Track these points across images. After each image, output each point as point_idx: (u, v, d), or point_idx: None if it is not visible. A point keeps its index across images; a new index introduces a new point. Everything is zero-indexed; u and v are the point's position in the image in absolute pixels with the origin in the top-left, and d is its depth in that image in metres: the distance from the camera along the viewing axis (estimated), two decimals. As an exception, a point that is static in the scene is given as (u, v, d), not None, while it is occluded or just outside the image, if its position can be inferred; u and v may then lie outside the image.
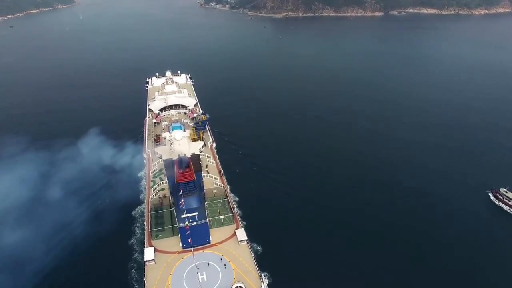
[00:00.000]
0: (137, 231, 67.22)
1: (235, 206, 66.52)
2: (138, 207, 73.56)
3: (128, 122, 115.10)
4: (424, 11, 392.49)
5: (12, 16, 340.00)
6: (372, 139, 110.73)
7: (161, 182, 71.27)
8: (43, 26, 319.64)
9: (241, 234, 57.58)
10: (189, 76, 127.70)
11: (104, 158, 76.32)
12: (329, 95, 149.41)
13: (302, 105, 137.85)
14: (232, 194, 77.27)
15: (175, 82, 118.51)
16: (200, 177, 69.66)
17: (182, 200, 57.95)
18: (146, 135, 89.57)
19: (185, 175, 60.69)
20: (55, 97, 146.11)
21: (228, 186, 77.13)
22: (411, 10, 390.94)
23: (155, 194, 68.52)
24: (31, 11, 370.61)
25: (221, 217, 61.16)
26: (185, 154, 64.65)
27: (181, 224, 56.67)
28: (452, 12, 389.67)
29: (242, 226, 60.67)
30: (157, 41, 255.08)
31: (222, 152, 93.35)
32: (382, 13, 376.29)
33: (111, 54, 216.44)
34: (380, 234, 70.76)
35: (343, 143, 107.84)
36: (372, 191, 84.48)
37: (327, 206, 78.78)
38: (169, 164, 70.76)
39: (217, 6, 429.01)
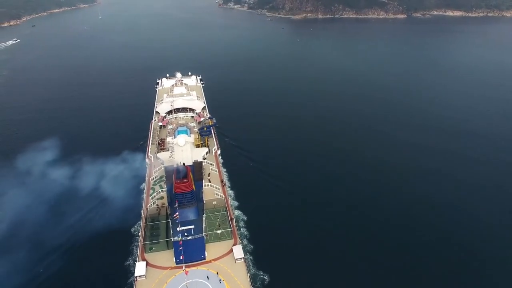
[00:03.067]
0: (135, 250, 61.93)
1: (234, 219, 62.59)
2: (138, 223, 66.58)
3: (137, 124, 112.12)
4: (450, 13, 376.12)
5: (36, 15, 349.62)
6: (396, 147, 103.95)
7: (160, 190, 68.51)
8: (63, 25, 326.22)
9: (238, 251, 53.93)
10: (200, 78, 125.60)
11: (104, 166, 73.04)
12: (349, 99, 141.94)
13: (320, 110, 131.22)
14: (240, 211, 72.85)
15: (185, 84, 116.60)
16: (200, 186, 66.83)
17: (177, 213, 55.00)
18: (150, 139, 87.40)
19: (182, 186, 57.81)
20: (64, 95, 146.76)
21: (230, 198, 73.52)
22: (435, 13, 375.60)
23: (153, 203, 65.79)
24: (54, 11, 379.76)
25: (219, 231, 57.61)
26: (183, 164, 61.44)
27: (176, 238, 53.73)
28: (481, 14, 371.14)
29: (240, 242, 57.01)
30: (173, 41, 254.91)
31: (231, 161, 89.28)
32: (405, 16, 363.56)
33: (125, 54, 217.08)
34: (401, 255, 64.96)
35: (365, 150, 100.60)
36: (398, 203, 78.73)
37: (347, 225, 71.90)
38: (170, 171, 68.02)
39: (235, 6, 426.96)
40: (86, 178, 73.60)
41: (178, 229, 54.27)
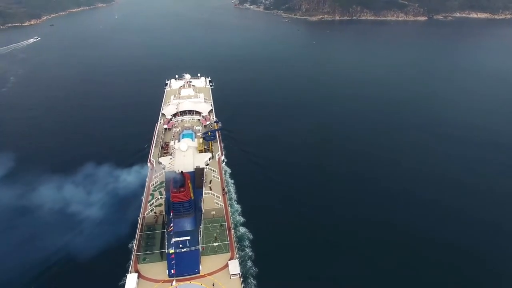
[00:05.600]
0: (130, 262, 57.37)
1: (232, 230, 59.42)
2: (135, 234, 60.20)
3: (144, 125, 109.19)
4: (474, 15, 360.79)
5: (56, 14, 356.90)
6: (422, 156, 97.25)
7: (160, 196, 66.35)
8: (80, 24, 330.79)
9: (234, 266, 50.90)
10: (209, 79, 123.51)
11: (105, 169, 71.33)
12: (368, 107, 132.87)
13: (339, 115, 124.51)
14: (246, 228, 67.15)
15: (193, 85, 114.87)
16: (200, 195, 64.08)
17: (171, 225, 52.54)
18: (154, 142, 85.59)
19: (179, 195, 55.29)
20: (73, 95, 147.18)
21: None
22: (458, 15, 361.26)
23: (151, 210, 63.65)
24: (73, 10, 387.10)
25: (216, 244, 54.81)
26: (181, 172, 58.93)
27: (170, 250, 51.32)
28: (508, 16, 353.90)
29: (237, 256, 53.92)
30: (185, 41, 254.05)
31: (240, 170, 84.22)
32: (426, 18, 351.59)
33: (137, 54, 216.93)
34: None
35: (388, 161, 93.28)
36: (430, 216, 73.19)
37: (370, 257, 62.56)
38: (170, 178, 65.63)
39: (251, 6, 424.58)
40: (87, 180, 72.29)
41: (172, 240, 51.93)
